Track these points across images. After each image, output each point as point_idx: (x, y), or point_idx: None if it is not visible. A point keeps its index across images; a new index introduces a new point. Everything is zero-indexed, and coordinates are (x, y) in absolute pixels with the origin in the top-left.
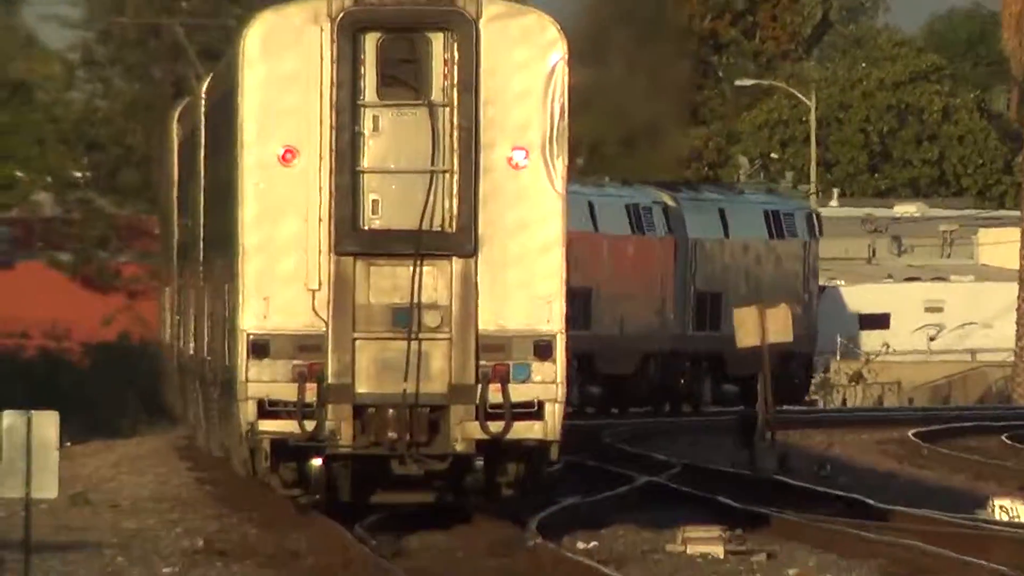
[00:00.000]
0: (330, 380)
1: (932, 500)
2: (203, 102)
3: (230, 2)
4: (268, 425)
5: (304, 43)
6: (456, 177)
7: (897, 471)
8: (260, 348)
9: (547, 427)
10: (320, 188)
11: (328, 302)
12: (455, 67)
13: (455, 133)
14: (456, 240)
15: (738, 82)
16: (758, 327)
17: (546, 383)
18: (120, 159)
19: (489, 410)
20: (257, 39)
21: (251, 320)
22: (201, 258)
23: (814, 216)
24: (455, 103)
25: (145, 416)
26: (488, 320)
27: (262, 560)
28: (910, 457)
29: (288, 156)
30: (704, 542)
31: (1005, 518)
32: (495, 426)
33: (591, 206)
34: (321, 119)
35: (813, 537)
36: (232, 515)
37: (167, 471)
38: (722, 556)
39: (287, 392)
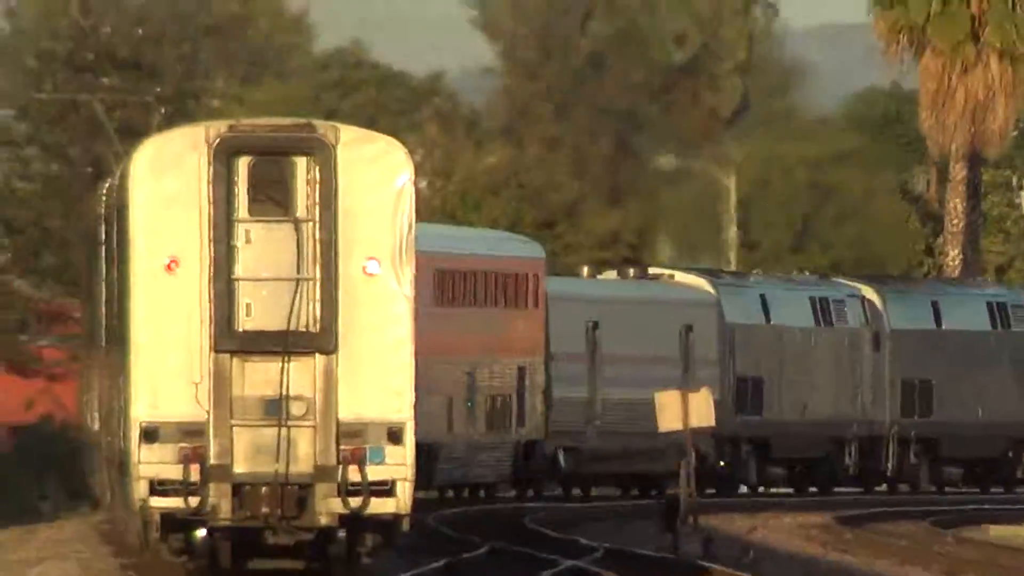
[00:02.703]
0: (211, 461)
1: None
2: (103, 204)
3: (148, 79)
4: (158, 501)
5: (185, 165)
6: (318, 284)
7: (821, 556)
8: (150, 434)
9: (399, 502)
10: (200, 293)
11: (209, 394)
12: (317, 186)
13: (317, 245)
14: (319, 339)
15: (659, 162)
16: (680, 411)
17: (398, 464)
18: (39, 242)
19: (349, 488)
20: (145, 161)
21: (142, 409)
22: (104, 347)
23: None
24: (317, 218)
25: (65, 500)
26: (347, 409)
27: None
28: (834, 542)
29: (172, 265)
30: None
31: None
32: (354, 502)
33: (763, 299)
34: (200, 233)
35: None
36: None
37: (90, 556)
38: None
39: (174, 472)
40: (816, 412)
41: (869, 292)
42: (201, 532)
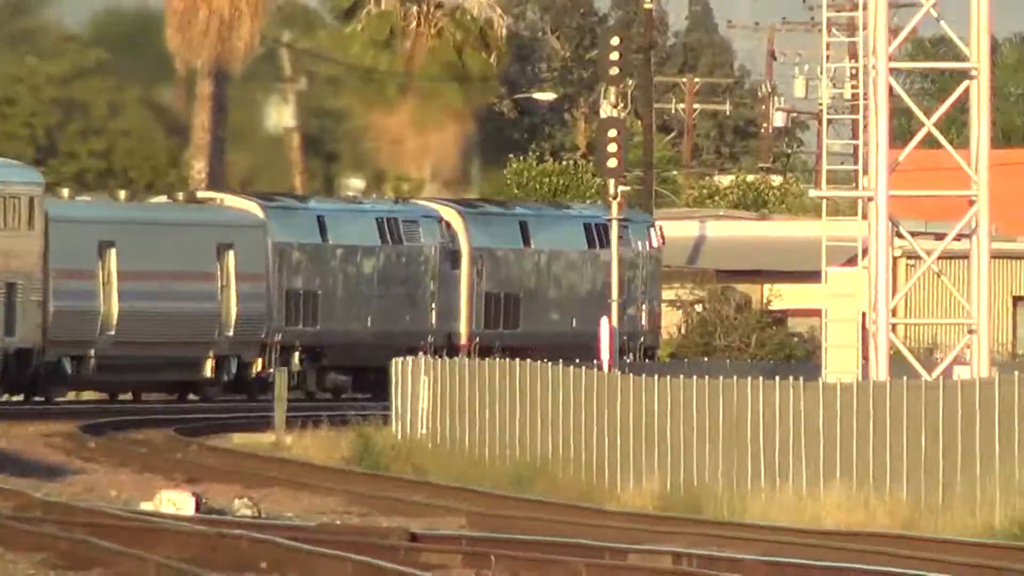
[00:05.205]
0: None
1: (100, 493)
2: None
3: None
4: None
5: None
6: None
7: (65, 464)
8: None
9: None
10: None
11: None
12: None
13: None
14: None
15: None
16: None
17: None
18: None
19: None
20: None
21: None
22: None
23: (656, 228)
24: None
25: None
26: None
27: None
28: (78, 450)
29: None
30: None
31: (173, 510)
32: None
33: (320, 220)
34: None
35: None
36: None
37: None
38: None
39: None
40: (382, 324)
41: (452, 214)
42: None
